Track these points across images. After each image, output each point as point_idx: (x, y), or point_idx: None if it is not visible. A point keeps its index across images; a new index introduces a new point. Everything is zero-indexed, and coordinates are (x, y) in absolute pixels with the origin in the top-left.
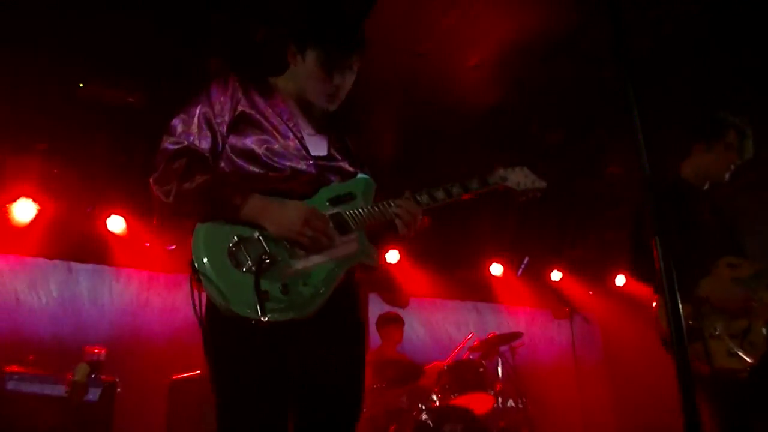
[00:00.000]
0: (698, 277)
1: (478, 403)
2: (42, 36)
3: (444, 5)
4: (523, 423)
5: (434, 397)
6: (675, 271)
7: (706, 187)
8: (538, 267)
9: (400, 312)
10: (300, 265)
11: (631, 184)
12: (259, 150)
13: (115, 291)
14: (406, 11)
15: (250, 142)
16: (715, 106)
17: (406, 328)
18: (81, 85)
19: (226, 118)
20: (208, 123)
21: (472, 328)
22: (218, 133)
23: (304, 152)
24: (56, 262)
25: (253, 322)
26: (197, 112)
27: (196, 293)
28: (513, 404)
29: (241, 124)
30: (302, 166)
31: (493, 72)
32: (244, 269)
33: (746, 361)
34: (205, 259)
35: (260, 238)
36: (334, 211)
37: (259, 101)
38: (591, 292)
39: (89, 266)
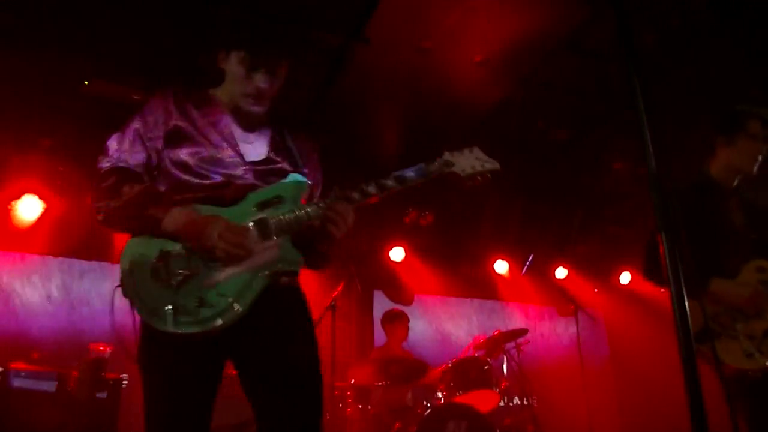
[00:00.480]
0: (722, 278)
1: (483, 400)
2: (47, 33)
3: (449, 1)
4: (529, 420)
5: (439, 395)
6: (695, 270)
7: (735, 183)
8: (542, 264)
9: (405, 309)
10: (217, 277)
11: (637, 181)
12: (192, 161)
13: None
14: (411, 7)
15: (184, 154)
16: (726, 100)
17: (410, 325)
18: (86, 82)
19: (160, 133)
20: (140, 139)
21: (477, 325)
22: (151, 149)
23: (239, 159)
24: (61, 259)
25: (169, 333)
26: (131, 129)
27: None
28: (518, 402)
29: (175, 137)
30: (238, 172)
31: (498, 68)
32: (163, 283)
33: (762, 363)
34: (129, 273)
35: (183, 251)
36: (259, 216)
37: (194, 113)
38: (596, 290)
39: (94, 263)
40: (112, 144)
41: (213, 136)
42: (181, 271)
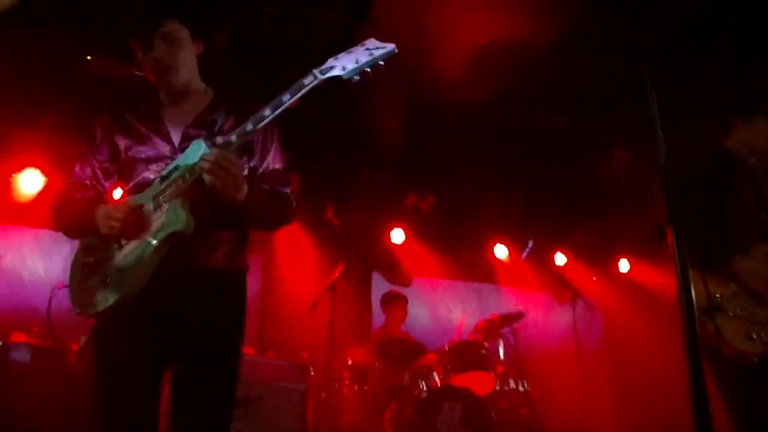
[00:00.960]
0: (734, 254)
1: (479, 383)
2: (49, 9)
3: None
4: (524, 405)
5: (435, 377)
6: (707, 249)
7: (753, 160)
8: (541, 250)
9: (404, 291)
10: (122, 254)
11: (637, 169)
12: (139, 164)
13: None
14: None
15: (128, 156)
16: (727, 95)
17: (408, 307)
18: (88, 57)
19: (105, 150)
20: (87, 157)
21: (475, 309)
22: (97, 164)
23: (166, 143)
24: (61, 234)
25: (88, 316)
26: (82, 152)
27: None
28: (514, 386)
29: (119, 145)
30: (166, 153)
31: (500, 55)
32: (83, 272)
33: (762, 347)
34: (70, 270)
35: (96, 242)
36: (160, 188)
37: (129, 118)
38: (594, 278)
39: None
40: (76, 167)
41: (143, 131)
42: (88, 258)
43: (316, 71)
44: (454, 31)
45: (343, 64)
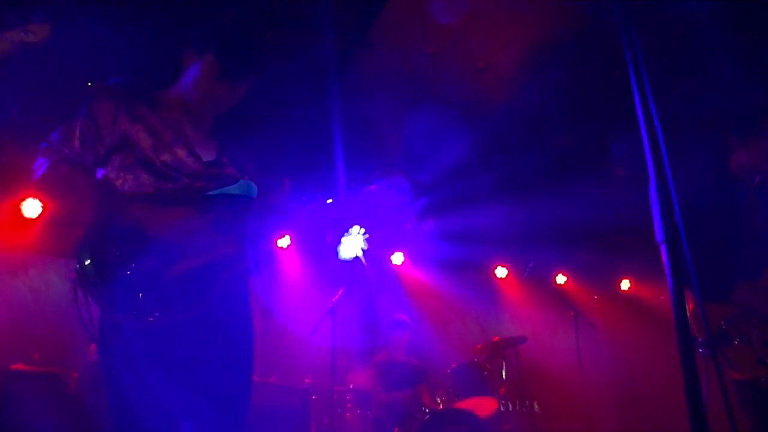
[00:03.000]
0: (740, 279)
1: (482, 406)
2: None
3: (453, 8)
4: (528, 427)
5: (438, 400)
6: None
7: (756, 181)
8: (543, 271)
9: (406, 314)
10: (168, 269)
11: (638, 188)
12: (150, 161)
13: None
14: (415, 13)
15: (139, 155)
16: (729, 108)
17: (410, 330)
18: (89, 83)
19: (108, 138)
20: (89, 141)
21: (477, 330)
22: (98, 152)
23: (193, 158)
24: (61, 260)
25: (119, 322)
26: (78, 127)
27: (81, 295)
28: (517, 408)
29: (127, 141)
30: (193, 171)
31: (501, 74)
32: (114, 275)
33: None
34: (88, 263)
35: (140, 242)
36: (210, 216)
37: (148, 114)
38: (596, 297)
39: None
40: (60, 137)
41: (169, 138)
42: (133, 262)
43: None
44: (451, 54)
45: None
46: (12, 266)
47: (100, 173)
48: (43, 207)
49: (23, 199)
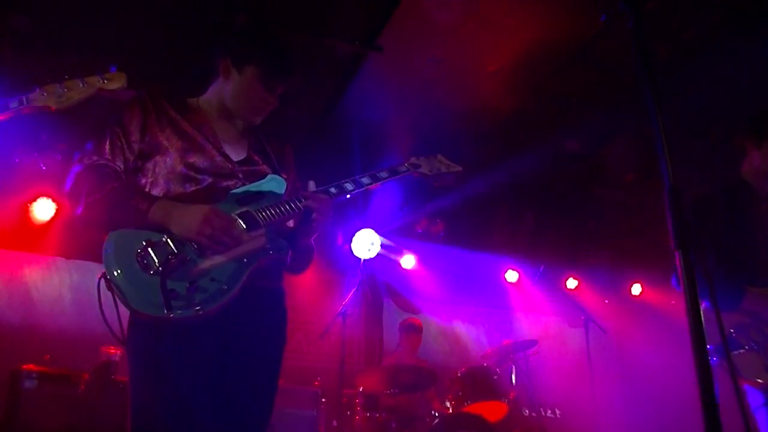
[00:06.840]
0: (749, 286)
1: (492, 410)
2: (63, 39)
3: (463, 12)
4: (537, 430)
5: (448, 404)
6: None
7: None
8: (553, 275)
9: (417, 317)
10: (206, 263)
11: (649, 193)
12: (179, 166)
13: None
14: (425, 17)
15: (170, 159)
16: (742, 112)
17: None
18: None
19: (138, 140)
20: (119, 145)
21: (487, 335)
22: (129, 156)
23: (224, 159)
24: (73, 261)
25: (163, 319)
26: (110, 133)
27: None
28: (527, 412)
29: (158, 144)
30: (223, 172)
31: (511, 79)
32: (152, 272)
33: None
34: (115, 266)
35: (167, 240)
36: (243, 210)
37: (178, 119)
38: (606, 301)
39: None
40: (92, 146)
41: (199, 139)
42: (170, 257)
43: (408, 163)
44: (461, 59)
45: (430, 167)
46: (24, 267)
47: (129, 178)
48: (57, 208)
49: (34, 200)
